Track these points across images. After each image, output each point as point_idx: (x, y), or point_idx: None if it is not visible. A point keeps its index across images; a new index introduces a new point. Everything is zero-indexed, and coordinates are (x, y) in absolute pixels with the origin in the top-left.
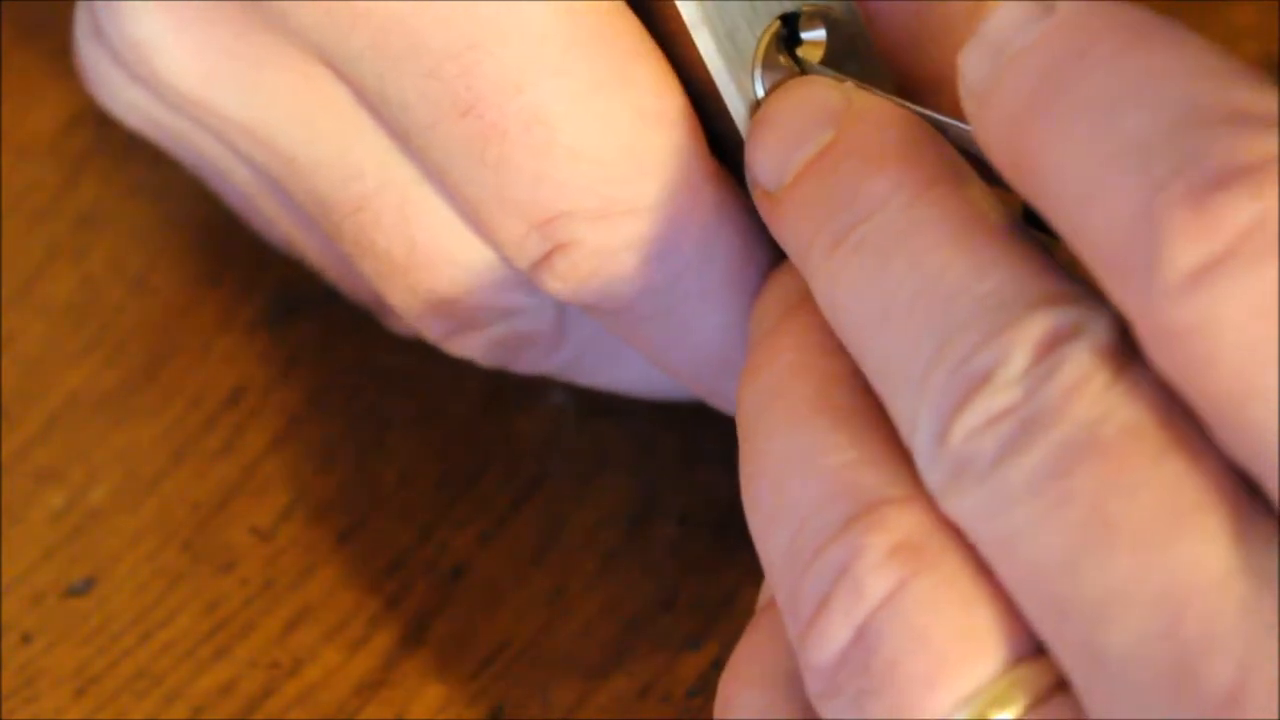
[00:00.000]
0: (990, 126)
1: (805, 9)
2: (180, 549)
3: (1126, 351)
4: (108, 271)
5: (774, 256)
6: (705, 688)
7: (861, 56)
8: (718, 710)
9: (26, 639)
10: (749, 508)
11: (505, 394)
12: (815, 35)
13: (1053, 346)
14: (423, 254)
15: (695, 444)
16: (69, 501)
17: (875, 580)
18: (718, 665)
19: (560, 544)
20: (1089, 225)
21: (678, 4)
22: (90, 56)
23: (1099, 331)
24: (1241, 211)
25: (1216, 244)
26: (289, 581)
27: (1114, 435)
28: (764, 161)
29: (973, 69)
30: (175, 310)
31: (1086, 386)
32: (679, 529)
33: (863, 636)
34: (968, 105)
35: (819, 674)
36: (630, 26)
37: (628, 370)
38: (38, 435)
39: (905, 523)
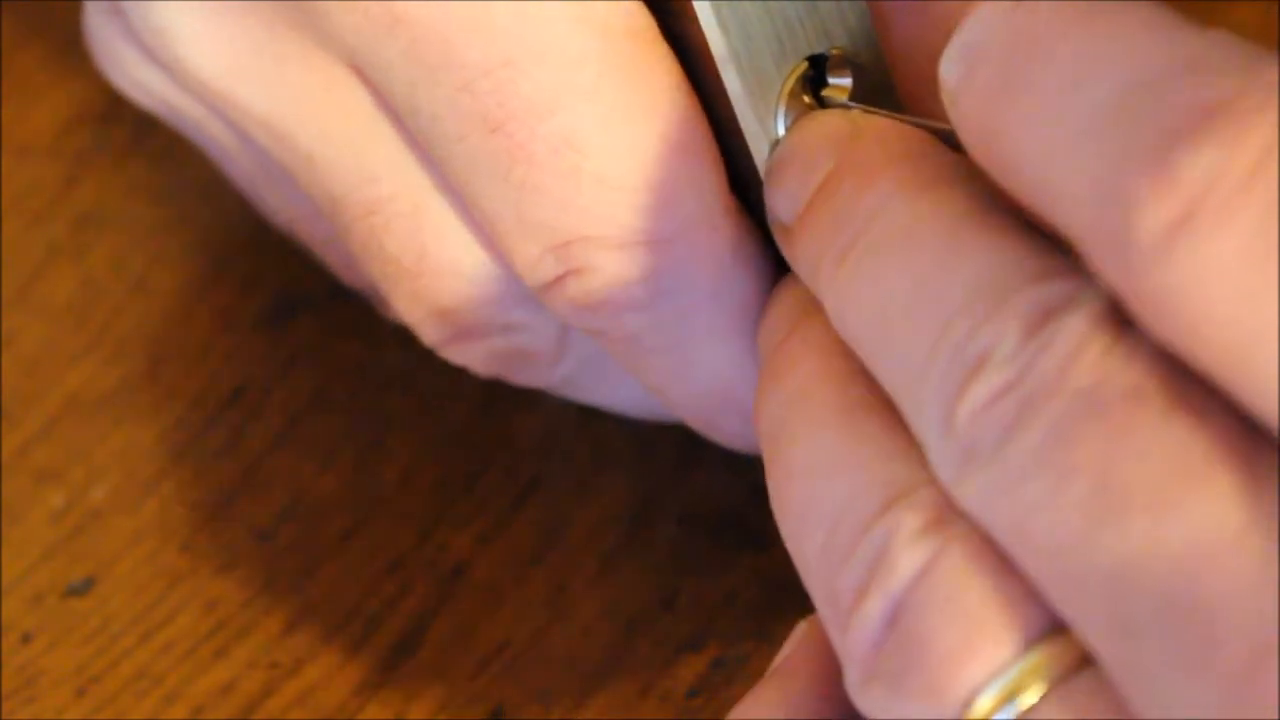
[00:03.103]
0: (963, 122)
1: (833, 53)
2: (180, 549)
3: (1121, 319)
4: (108, 272)
5: None
6: (705, 688)
7: (885, 101)
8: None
9: (26, 639)
10: (780, 514)
11: (505, 394)
12: (842, 81)
13: (1045, 320)
14: (431, 262)
15: (695, 444)
16: (69, 501)
17: (909, 556)
18: (717, 665)
19: (560, 544)
20: (1063, 205)
21: (708, 38)
22: (104, 32)
23: (1092, 300)
24: (1199, 162)
25: (1181, 201)
26: (289, 581)
27: (1115, 399)
28: (781, 199)
29: (948, 72)
30: (175, 310)
31: (1083, 354)
32: (679, 529)
33: (898, 615)
34: (947, 108)
35: (859, 662)
36: (662, 56)
37: (624, 391)
38: (38, 435)
39: (935, 501)
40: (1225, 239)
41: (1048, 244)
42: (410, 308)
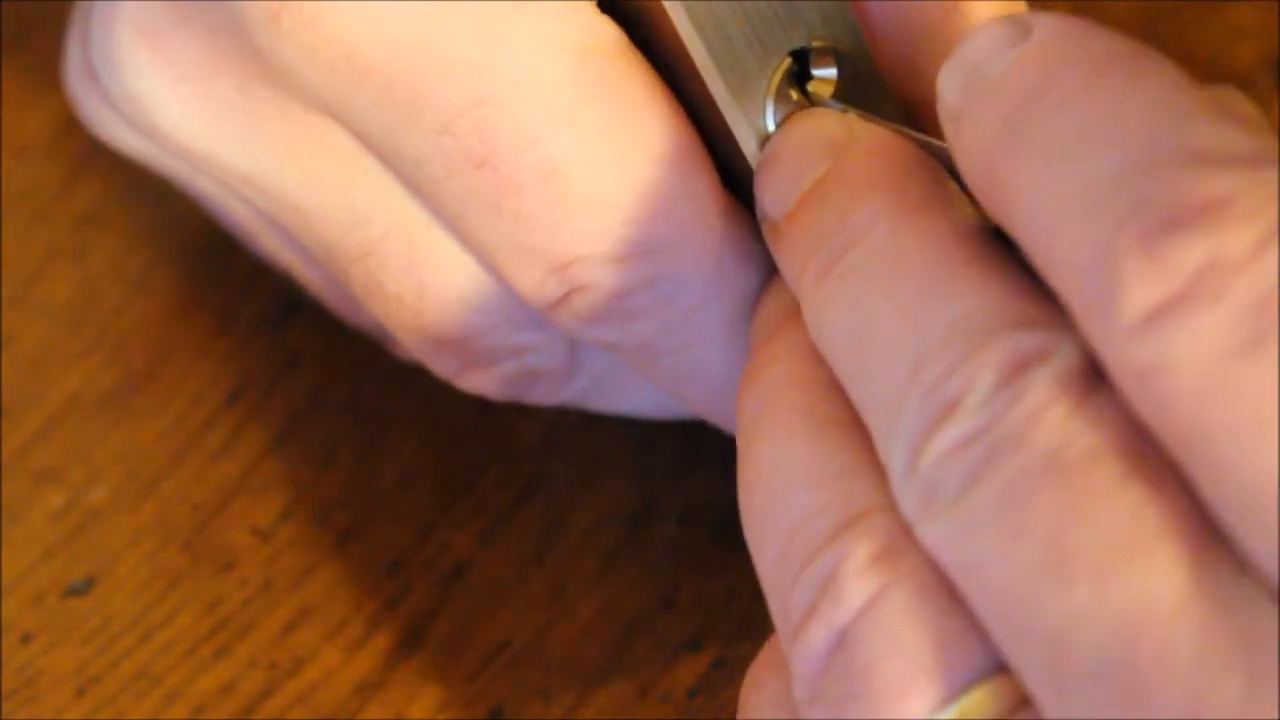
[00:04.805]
0: (963, 152)
1: (816, 45)
2: (180, 549)
3: (1093, 376)
4: (108, 272)
5: None
6: (705, 688)
7: (871, 92)
8: (740, 709)
9: (26, 639)
10: (744, 518)
11: None
12: (826, 73)
13: (1019, 371)
14: (433, 296)
15: (695, 445)
16: (69, 501)
17: (857, 587)
18: (717, 665)
19: (560, 544)
20: (1054, 260)
21: (687, 45)
22: (82, 94)
23: (1066, 356)
24: (1190, 254)
25: (1167, 287)
26: (289, 581)
27: (1073, 463)
28: (769, 195)
29: (950, 91)
30: (175, 310)
31: (1048, 413)
32: (679, 529)
33: (844, 642)
34: (945, 126)
35: (804, 680)
36: (637, 68)
37: (638, 398)
38: (38, 435)
39: (889, 530)
40: (1201, 332)
41: (1031, 282)
42: (417, 343)
